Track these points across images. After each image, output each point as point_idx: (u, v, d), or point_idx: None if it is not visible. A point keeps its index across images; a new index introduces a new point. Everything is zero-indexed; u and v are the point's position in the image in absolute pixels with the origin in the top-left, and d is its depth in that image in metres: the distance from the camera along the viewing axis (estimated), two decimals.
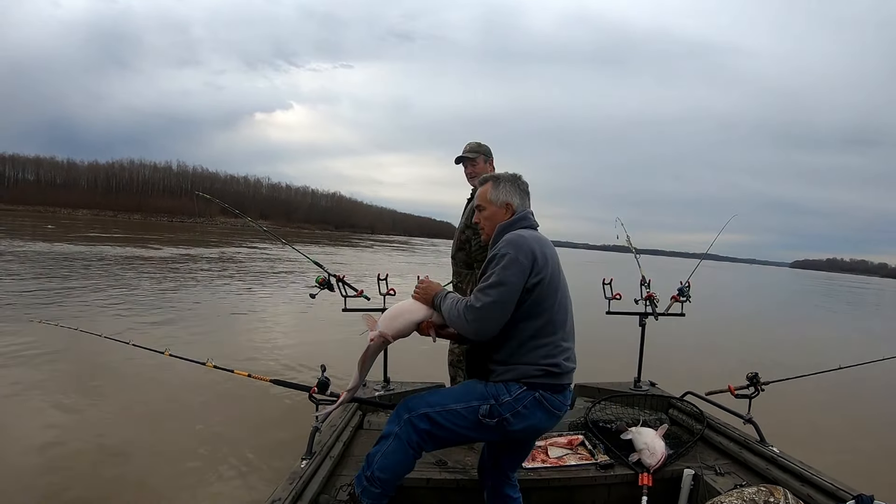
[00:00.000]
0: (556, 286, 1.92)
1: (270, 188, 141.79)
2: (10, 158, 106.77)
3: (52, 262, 15.74)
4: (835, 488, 2.18)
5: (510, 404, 1.86)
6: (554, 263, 1.95)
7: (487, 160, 3.30)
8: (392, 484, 1.95)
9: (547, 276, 1.89)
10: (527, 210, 2.08)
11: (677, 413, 3.33)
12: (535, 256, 1.87)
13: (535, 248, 1.88)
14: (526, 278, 1.85)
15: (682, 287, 3.70)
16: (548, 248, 1.96)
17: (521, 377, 1.88)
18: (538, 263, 1.87)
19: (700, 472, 2.59)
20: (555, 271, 1.93)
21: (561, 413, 1.95)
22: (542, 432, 2.07)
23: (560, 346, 1.91)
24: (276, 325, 9.73)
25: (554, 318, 1.91)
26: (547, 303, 1.89)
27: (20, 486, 3.52)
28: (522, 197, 2.08)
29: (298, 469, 2.22)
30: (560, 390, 1.92)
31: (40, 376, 5.62)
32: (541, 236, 2.01)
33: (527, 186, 2.11)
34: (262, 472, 3.92)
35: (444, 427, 1.91)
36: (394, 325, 2.01)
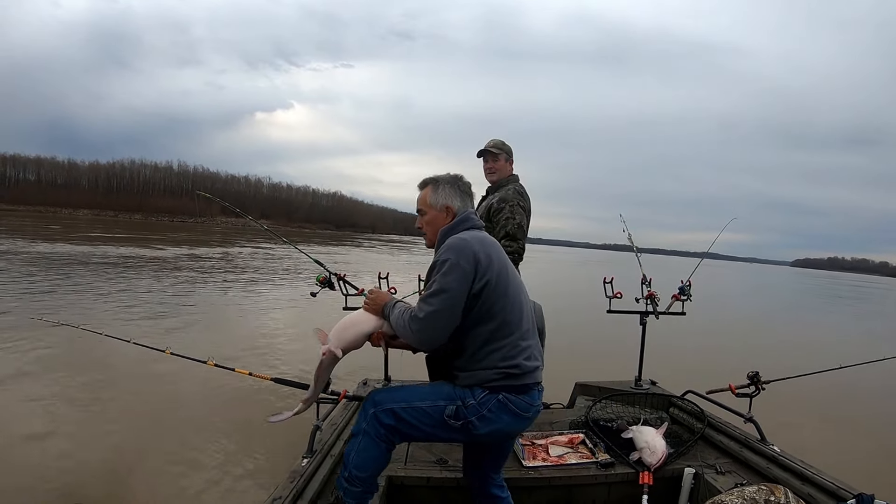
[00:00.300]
0: (504, 287, 1.87)
1: (271, 188, 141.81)
2: (11, 158, 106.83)
3: (55, 262, 15.76)
4: (835, 487, 2.18)
5: (475, 407, 1.83)
6: (500, 263, 1.90)
7: (508, 159, 3.35)
8: (371, 480, 1.94)
9: (493, 278, 1.84)
10: (468, 211, 2.03)
11: (678, 412, 3.32)
12: (477, 260, 1.82)
13: (477, 251, 1.84)
14: (470, 283, 1.81)
15: (682, 286, 3.69)
16: (492, 248, 1.92)
17: (483, 382, 1.85)
18: (481, 266, 1.82)
19: (701, 471, 2.59)
20: (502, 271, 1.88)
21: (529, 415, 1.91)
22: (512, 436, 2.02)
23: (518, 346, 1.87)
24: (277, 323, 9.74)
25: (507, 318, 1.86)
26: (497, 305, 1.85)
27: (21, 486, 3.52)
28: (464, 198, 2.03)
29: (299, 468, 2.23)
30: (524, 391, 1.87)
31: (42, 375, 5.64)
32: (484, 237, 1.96)
33: (468, 187, 2.07)
34: (262, 470, 3.92)
35: (409, 424, 1.89)
36: (344, 338, 1.98)
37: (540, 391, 1.94)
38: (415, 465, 2.60)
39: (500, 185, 3.31)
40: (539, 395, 1.94)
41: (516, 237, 3.11)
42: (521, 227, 3.14)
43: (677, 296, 3.71)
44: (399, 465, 2.58)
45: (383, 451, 1.91)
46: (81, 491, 3.53)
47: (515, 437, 2.17)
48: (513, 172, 3.36)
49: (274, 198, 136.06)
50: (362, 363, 4.85)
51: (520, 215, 3.15)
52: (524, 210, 3.19)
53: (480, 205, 3.37)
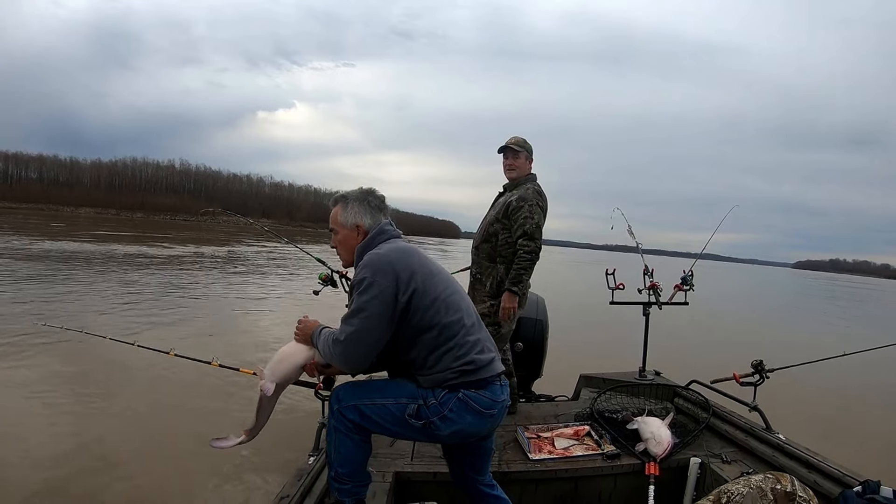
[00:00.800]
0: (433, 292, 1.82)
1: (273, 187, 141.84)
2: (14, 156, 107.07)
3: (60, 261, 15.79)
4: (841, 474, 2.18)
5: (436, 407, 1.78)
6: (423, 269, 1.85)
7: (529, 158, 3.35)
8: (358, 473, 1.93)
9: (419, 286, 1.79)
10: (381, 224, 1.98)
11: (683, 402, 3.33)
12: (397, 273, 1.77)
13: (395, 264, 1.79)
14: (394, 298, 1.76)
15: (685, 276, 3.70)
16: (412, 256, 1.87)
17: (441, 383, 1.80)
18: (402, 279, 1.77)
19: (706, 461, 2.59)
20: (427, 277, 1.83)
21: (494, 412, 1.83)
22: (476, 436, 1.90)
23: (466, 342, 1.82)
24: (279, 322, 9.74)
25: (447, 320, 1.81)
26: (432, 310, 1.80)
27: (21, 484, 3.53)
28: (374, 213, 1.99)
29: (306, 465, 2.24)
30: (484, 385, 1.82)
31: (46, 379, 5.63)
32: (403, 246, 1.92)
33: (380, 201, 2.03)
34: (269, 468, 3.92)
35: (372, 420, 1.85)
36: (278, 371, 1.96)
37: (503, 385, 1.88)
38: (421, 461, 2.61)
39: (518, 183, 3.29)
40: (502, 390, 1.87)
41: (534, 237, 3.11)
42: (539, 226, 3.14)
43: (679, 286, 3.72)
44: (406, 461, 2.58)
45: (358, 443, 1.88)
46: (88, 491, 3.54)
47: (487, 439, 2.02)
48: (531, 171, 3.35)
49: (276, 197, 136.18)
50: None
51: (538, 215, 3.14)
52: (542, 210, 3.19)
53: (497, 201, 3.35)
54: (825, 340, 11.58)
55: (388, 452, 2.67)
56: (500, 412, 1.87)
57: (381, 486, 2.33)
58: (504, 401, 1.87)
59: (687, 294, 3.72)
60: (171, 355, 2.75)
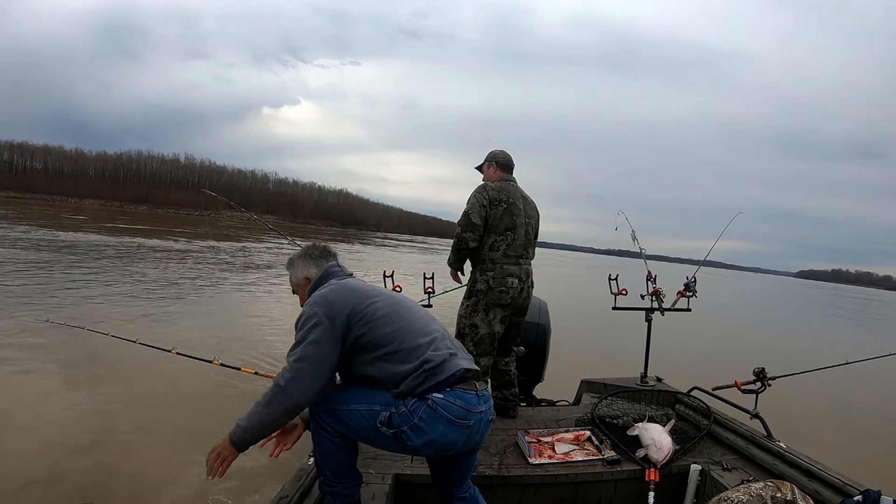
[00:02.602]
0: (372, 312, 1.84)
1: (277, 183, 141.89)
2: (19, 146, 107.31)
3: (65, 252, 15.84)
4: (842, 483, 2.19)
5: (406, 416, 1.75)
6: (359, 296, 1.88)
7: (489, 166, 3.41)
8: (346, 474, 1.95)
9: (355, 310, 1.82)
10: (326, 268, 2.05)
11: (684, 408, 3.33)
12: (330, 304, 1.82)
13: (329, 297, 1.85)
14: (332, 323, 1.79)
15: (688, 282, 3.70)
16: (348, 289, 1.91)
17: (409, 392, 1.77)
18: (336, 307, 1.81)
19: (707, 468, 2.59)
20: (363, 301, 1.86)
21: (468, 423, 1.76)
22: (452, 449, 1.82)
23: (419, 343, 1.82)
24: (280, 322, 9.76)
25: (394, 335, 1.83)
26: (379, 330, 1.82)
27: (21, 483, 3.54)
28: (318, 262, 2.08)
29: (306, 466, 2.24)
30: (449, 385, 1.77)
31: (46, 376, 5.65)
32: (342, 283, 1.96)
33: (321, 250, 2.12)
34: (269, 469, 3.93)
35: (348, 426, 1.84)
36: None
37: (480, 396, 1.82)
38: (421, 463, 2.62)
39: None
40: (479, 401, 1.81)
41: (460, 223, 3.20)
42: (467, 214, 3.16)
43: (682, 292, 3.72)
44: (406, 463, 2.59)
45: (339, 445, 1.87)
46: (89, 488, 3.55)
47: (470, 455, 1.96)
48: (493, 176, 3.37)
49: (280, 193, 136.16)
50: None
51: (470, 204, 3.18)
52: (480, 199, 3.18)
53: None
54: (827, 349, 11.55)
55: (388, 455, 2.66)
56: (478, 425, 1.80)
57: (381, 488, 2.34)
58: (482, 413, 1.81)
59: (690, 301, 3.73)
60: (173, 353, 2.76)
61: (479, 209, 3.12)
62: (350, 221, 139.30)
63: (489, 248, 3.14)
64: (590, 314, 7.06)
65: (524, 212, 3.26)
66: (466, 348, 3.03)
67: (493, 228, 3.14)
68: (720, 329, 11.99)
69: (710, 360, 7.39)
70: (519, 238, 3.18)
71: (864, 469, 2.78)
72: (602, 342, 8.40)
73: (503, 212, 3.15)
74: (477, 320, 3.13)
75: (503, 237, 3.14)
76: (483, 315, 3.12)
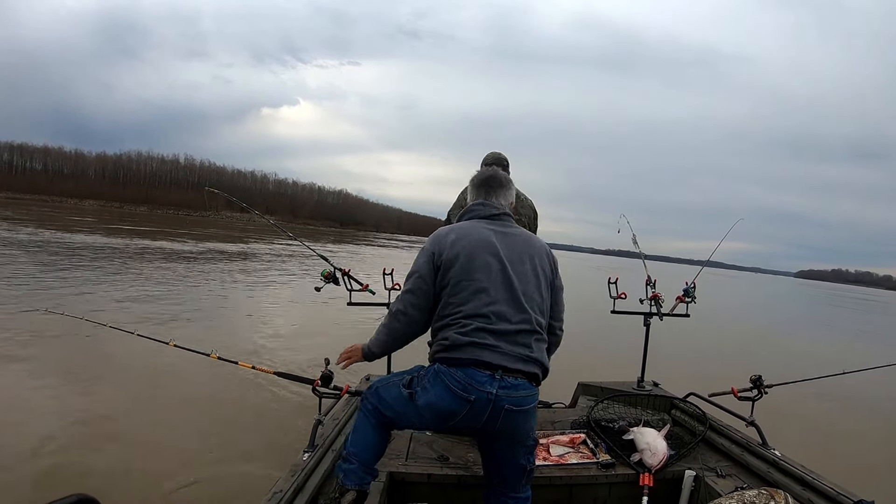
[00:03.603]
0: (460, 271, 1.90)
1: (277, 184, 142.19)
2: (19, 147, 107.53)
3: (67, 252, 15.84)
4: (836, 493, 2.18)
5: (421, 377, 1.92)
6: (469, 247, 1.93)
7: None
8: (363, 457, 1.97)
9: (449, 259, 1.91)
10: (471, 203, 2.14)
11: (680, 414, 3.32)
12: (440, 241, 1.96)
13: (444, 234, 1.98)
14: (431, 259, 1.95)
15: (687, 287, 3.69)
16: (468, 233, 1.97)
17: (431, 357, 1.96)
18: (441, 245, 1.95)
19: (701, 474, 2.59)
20: (468, 255, 1.91)
21: (470, 397, 1.81)
22: (451, 417, 1.87)
23: (459, 322, 1.87)
24: (281, 318, 9.79)
25: (457, 299, 1.89)
26: (452, 285, 1.91)
27: (21, 481, 3.53)
28: (477, 193, 2.15)
29: (300, 462, 2.22)
30: (457, 364, 1.84)
31: (44, 365, 5.68)
32: (468, 224, 2.03)
33: (486, 179, 2.14)
34: (263, 464, 3.93)
35: (384, 400, 1.98)
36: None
37: (496, 379, 1.82)
38: (416, 462, 2.61)
39: None
40: (493, 384, 1.82)
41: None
42: (448, 217, 3.19)
43: (681, 298, 3.71)
44: (400, 462, 2.58)
45: (374, 426, 1.99)
46: (82, 481, 3.55)
47: (494, 440, 1.98)
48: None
49: (279, 194, 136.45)
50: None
51: (453, 207, 3.23)
52: (458, 202, 3.24)
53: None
54: (826, 355, 11.54)
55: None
56: (483, 404, 1.81)
57: (375, 485, 2.33)
58: (491, 394, 1.81)
59: (689, 306, 3.72)
60: (171, 346, 2.76)
61: (457, 210, 3.11)
62: (349, 222, 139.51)
63: None
64: (588, 316, 7.06)
65: (517, 210, 3.25)
66: None
67: None
68: (718, 334, 11.99)
69: (708, 365, 7.40)
70: None
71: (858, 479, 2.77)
72: (600, 345, 8.39)
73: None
74: None
75: None
76: None
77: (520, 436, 1.97)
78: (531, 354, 1.91)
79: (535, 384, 1.94)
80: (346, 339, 7.05)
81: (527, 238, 2.08)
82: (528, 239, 2.07)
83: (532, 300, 1.96)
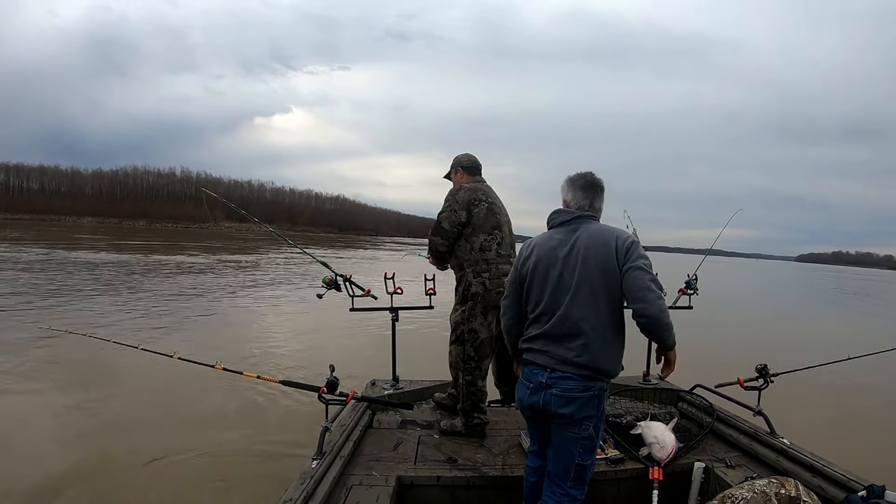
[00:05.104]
0: (538, 272, 2.09)
1: (274, 192, 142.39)
2: (15, 167, 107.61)
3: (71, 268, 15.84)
4: (846, 479, 2.18)
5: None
6: (540, 257, 2.10)
7: (457, 172, 3.32)
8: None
9: (529, 264, 2.12)
10: (559, 208, 2.20)
11: (687, 406, 3.32)
12: (521, 252, 2.20)
13: (525, 247, 2.19)
14: (518, 273, 2.17)
15: (689, 280, 3.68)
16: (541, 243, 2.13)
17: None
18: (522, 255, 2.18)
19: (711, 465, 2.59)
20: (539, 259, 2.10)
21: (529, 385, 2.05)
22: (525, 405, 2.10)
23: (531, 328, 2.12)
24: (284, 326, 9.78)
25: (531, 298, 2.13)
26: (532, 289, 2.12)
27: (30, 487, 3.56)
28: (566, 193, 2.20)
29: (309, 469, 2.22)
30: (526, 363, 2.11)
31: (46, 382, 5.70)
32: (549, 234, 2.15)
33: (576, 191, 2.17)
34: (272, 472, 3.93)
35: None
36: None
37: (546, 368, 2.01)
38: (424, 465, 2.61)
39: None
40: (542, 374, 2.02)
41: (433, 229, 3.16)
42: (439, 220, 3.10)
43: (683, 290, 3.70)
44: (409, 465, 2.59)
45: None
46: (88, 492, 3.57)
47: (545, 417, 2.07)
48: (462, 181, 3.28)
49: (277, 202, 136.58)
50: (371, 365, 4.88)
51: (445, 211, 3.09)
52: (453, 203, 3.08)
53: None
54: (833, 340, 11.52)
55: (391, 456, 2.68)
56: (536, 391, 2.02)
57: (384, 489, 2.33)
58: (541, 384, 2.01)
59: (691, 298, 3.71)
60: (175, 358, 2.75)
61: (449, 213, 3.05)
62: (348, 227, 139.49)
63: (480, 248, 3.03)
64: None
65: (504, 210, 3.20)
66: (467, 354, 3.01)
67: (479, 228, 3.04)
68: (722, 324, 11.97)
69: (713, 356, 7.38)
70: (506, 236, 3.11)
71: (868, 464, 2.77)
72: None
73: (486, 210, 3.06)
74: (476, 325, 3.03)
75: (492, 236, 3.04)
76: (482, 319, 3.03)
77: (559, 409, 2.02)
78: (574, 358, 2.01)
79: (584, 379, 1.99)
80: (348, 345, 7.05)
81: (587, 236, 2.06)
82: (587, 237, 2.06)
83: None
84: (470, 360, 3.03)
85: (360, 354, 6.81)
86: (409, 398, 3.47)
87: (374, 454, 2.68)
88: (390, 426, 3.11)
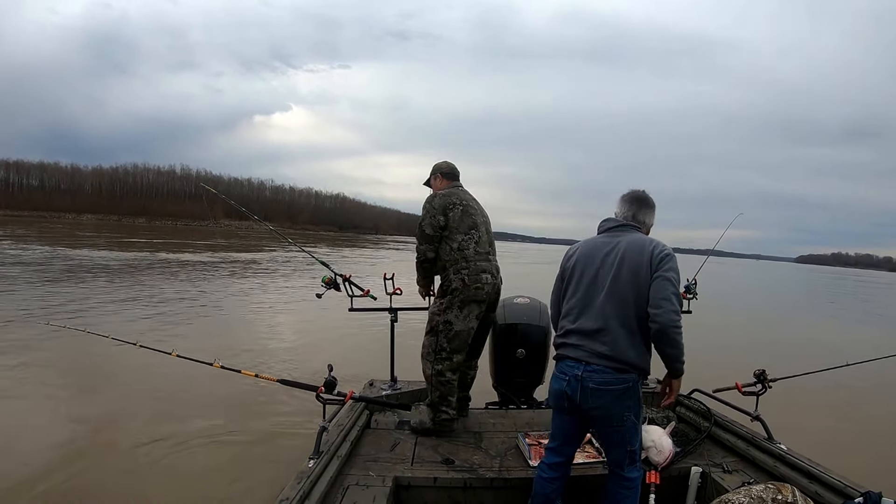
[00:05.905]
0: (577, 269, 2.26)
1: (274, 190, 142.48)
2: (15, 164, 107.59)
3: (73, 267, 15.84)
4: (843, 485, 2.18)
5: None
6: (581, 256, 2.27)
7: (437, 178, 3.38)
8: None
9: (571, 261, 2.30)
10: (611, 216, 2.35)
11: (684, 411, 3.32)
12: (567, 252, 2.36)
13: (572, 247, 2.36)
14: (562, 269, 2.35)
15: (688, 284, 3.67)
16: (585, 244, 2.30)
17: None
18: (566, 255, 2.35)
19: (708, 470, 2.58)
20: (580, 258, 2.27)
21: (564, 378, 2.14)
22: (556, 397, 2.21)
23: (565, 321, 2.26)
24: (282, 325, 9.78)
25: (569, 291, 2.28)
26: (570, 284, 2.28)
27: (24, 485, 3.55)
28: (616, 206, 2.37)
29: (306, 469, 2.22)
30: (562, 358, 2.22)
31: (44, 377, 5.71)
32: (594, 239, 2.31)
33: (626, 205, 2.35)
34: (269, 471, 3.93)
35: None
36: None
37: (580, 361, 2.11)
38: (421, 466, 2.61)
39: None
40: (577, 367, 2.11)
41: (418, 238, 3.19)
42: (421, 227, 3.15)
43: (683, 294, 3.70)
44: (405, 466, 2.59)
45: None
46: (83, 490, 3.55)
47: (582, 413, 2.17)
48: (440, 186, 3.34)
49: (277, 200, 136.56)
50: (368, 365, 4.88)
51: (427, 218, 3.14)
52: (431, 210, 3.14)
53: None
54: (832, 345, 11.50)
55: (388, 457, 2.68)
56: (574, 383, 2.11)
57: (381, 490, 2.33)
58: (574, 377, 2.12)
59: (690, 303, 3.70)
60: (174, 356, 2.75)
61: (429, 219, 3.10)
62: (348, 226, 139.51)
63: (458, 247, 3.07)
64: None
65: (480, 211, 3.25)
66: (440, 345, 3.03)
67: (455, 229, 3.09)
68: (721, 327, 11.96)
69: (711, 360, 7.37)
70: (483, 235, 3.16)
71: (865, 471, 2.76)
72: None
73: (461, 213, 3.12)
74: (451, 316, 3.03)
75: (469, 236, 3.09)
76: (458, 311, 3.03)
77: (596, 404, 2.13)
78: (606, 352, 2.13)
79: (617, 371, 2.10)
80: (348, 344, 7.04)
81: (627, 242, 2.21)
82: (628, 243, 2.20)
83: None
84: (441, 350, 3.04)
85: (358, 354, 6.81)
86: (407, 399, 3.47)
87: (372, 454, 2.68)
88: (388, 427, 3.11)
